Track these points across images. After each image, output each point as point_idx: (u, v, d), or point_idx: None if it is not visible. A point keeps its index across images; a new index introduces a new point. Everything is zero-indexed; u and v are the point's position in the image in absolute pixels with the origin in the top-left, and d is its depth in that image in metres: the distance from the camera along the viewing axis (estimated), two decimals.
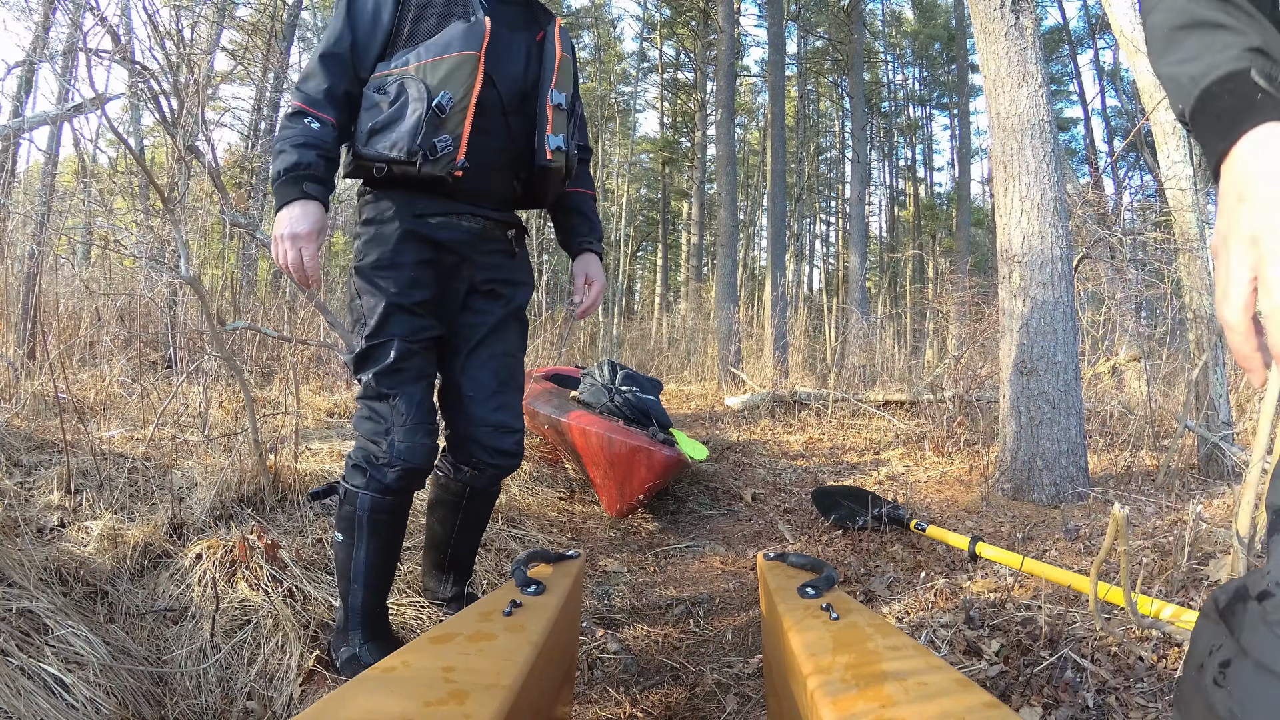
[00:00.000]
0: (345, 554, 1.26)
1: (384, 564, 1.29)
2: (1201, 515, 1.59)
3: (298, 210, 1.20)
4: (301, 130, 1.21)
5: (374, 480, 1.24)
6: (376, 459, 1.24)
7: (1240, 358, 0.44)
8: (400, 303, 1.25)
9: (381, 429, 1.24)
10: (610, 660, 1.41)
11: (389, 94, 1.22)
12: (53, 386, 2.51)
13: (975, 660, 1.20)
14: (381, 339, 1.25)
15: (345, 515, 1.27)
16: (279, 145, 1.22)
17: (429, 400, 1.30)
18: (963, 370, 4.76)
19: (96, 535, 1.55)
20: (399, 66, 1.23)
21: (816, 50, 18.27)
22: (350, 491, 1.26)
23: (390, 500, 1.26)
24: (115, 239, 4.08)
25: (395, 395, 1.25)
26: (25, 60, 5.29)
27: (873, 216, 22.04)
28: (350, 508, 1.26)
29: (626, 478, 2.19)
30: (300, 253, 1.19)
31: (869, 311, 10.64)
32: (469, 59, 1.24)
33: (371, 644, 1.25)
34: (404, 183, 1.27)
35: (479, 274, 1.34)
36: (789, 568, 1.14)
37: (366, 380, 1.26)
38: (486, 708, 0.58)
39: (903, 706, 0.57)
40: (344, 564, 1.27)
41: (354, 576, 1.26)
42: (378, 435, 1.25)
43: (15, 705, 0.97)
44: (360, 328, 1.27)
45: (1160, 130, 2.97)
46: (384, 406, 1.25)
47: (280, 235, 1.20)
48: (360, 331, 1.27)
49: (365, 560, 1.25)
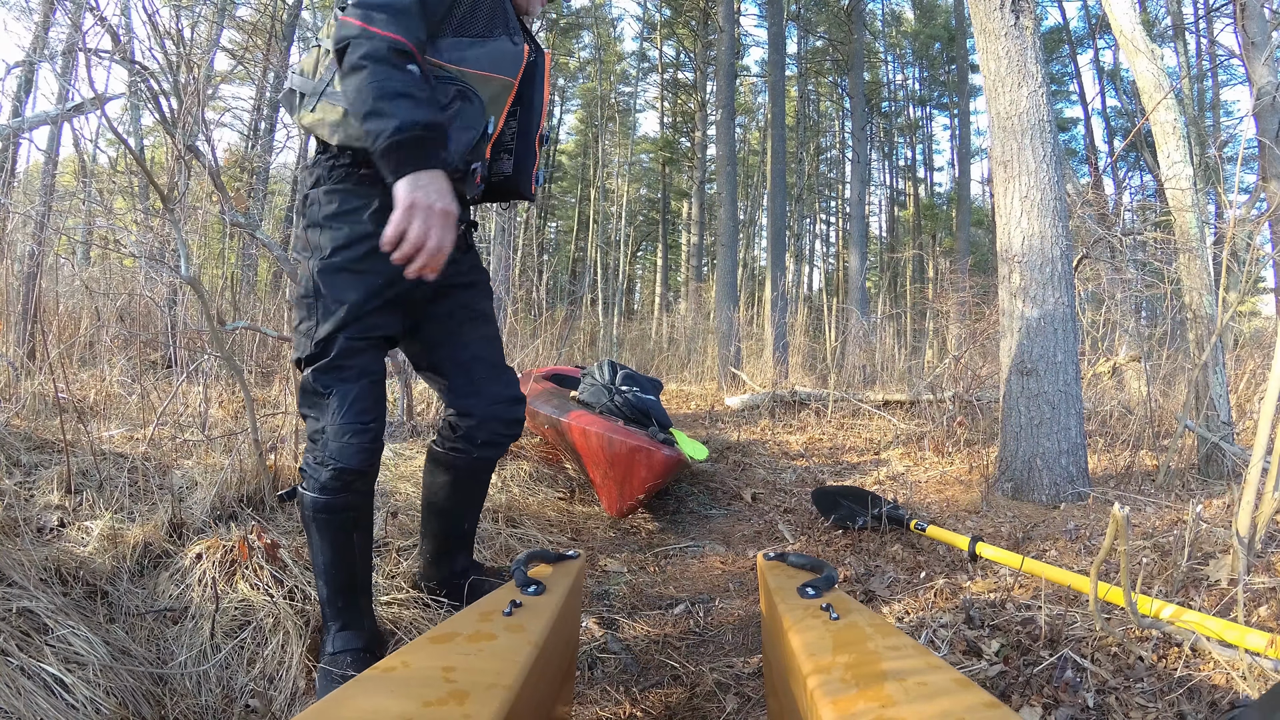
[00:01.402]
0: (312, 551, 1.26)
1: (338, 561, 1.24)
2: (1201, 515, 1.59)
3: (444, 182, 1.05)
4: (419, 82, 1.05)
5: (312, 480, 1.21)
6: (315, 458, 1.21)
7: None
8: (366, 300, 1.19)
9: (318, 428, 1.21)
10: (610, 660, 1.41)
11: (445, 95, 1.14)
12: (53, 386, 2.51)
13: (975, 660, 1.20)
14: (332, 340, 1.19)
15: (301, 515, 1.26)
16: (396, 87, 1.02)
17: (368, 398, 1.23)
18: (963, 370, 4.76)
19: (96, 535, 1.55)
20: (451, 63, 1.15)
21: (816, 50, 18.28)
22: (300, 494, 1.24)
23: (329, 499, 1.20)
24: (115, 239, 4.08)
25: (330, 393, 1.20)
26: (25, 60, 5.29)
27: (873, 216, 22.05)
28: (302, 509, 1.24)
29: (626, 478, 2.19)
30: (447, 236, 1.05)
31: (869, 311, 10.65)
32: (508, 86, 1.21)
33: (343, 633, 1.24)
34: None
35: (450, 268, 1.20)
36: (789, 568, 1.14)
37: (305, 376, 1.21)
38: (486, 708, 0.58)
39: (903, 706, 0.57)
40: (312, 563, 1.27)
41: (316, 572, 1.25)
42: (315, 434, 1.21)
43: (15, 705, 0.97)
44: (308, 322, 1.20)
45: (1160, 130, 2.97)
46: (323, 406, 1.20)
47: (431, 206, 1.03)
48: (310, 326, 1.20)
49: (322, 561, 1.23)
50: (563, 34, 18.85)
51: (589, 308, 13.93)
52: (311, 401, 1.22)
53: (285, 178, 15.46)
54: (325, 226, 1.20)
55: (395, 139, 1.01)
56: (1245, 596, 1.18)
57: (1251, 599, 1.23)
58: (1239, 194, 2.99)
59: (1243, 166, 3.24)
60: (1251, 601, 1.23)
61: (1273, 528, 1.50)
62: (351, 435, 1.19)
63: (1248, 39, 4.26)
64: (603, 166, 18.45)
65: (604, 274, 16.74)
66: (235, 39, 12.97)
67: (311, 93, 1.20)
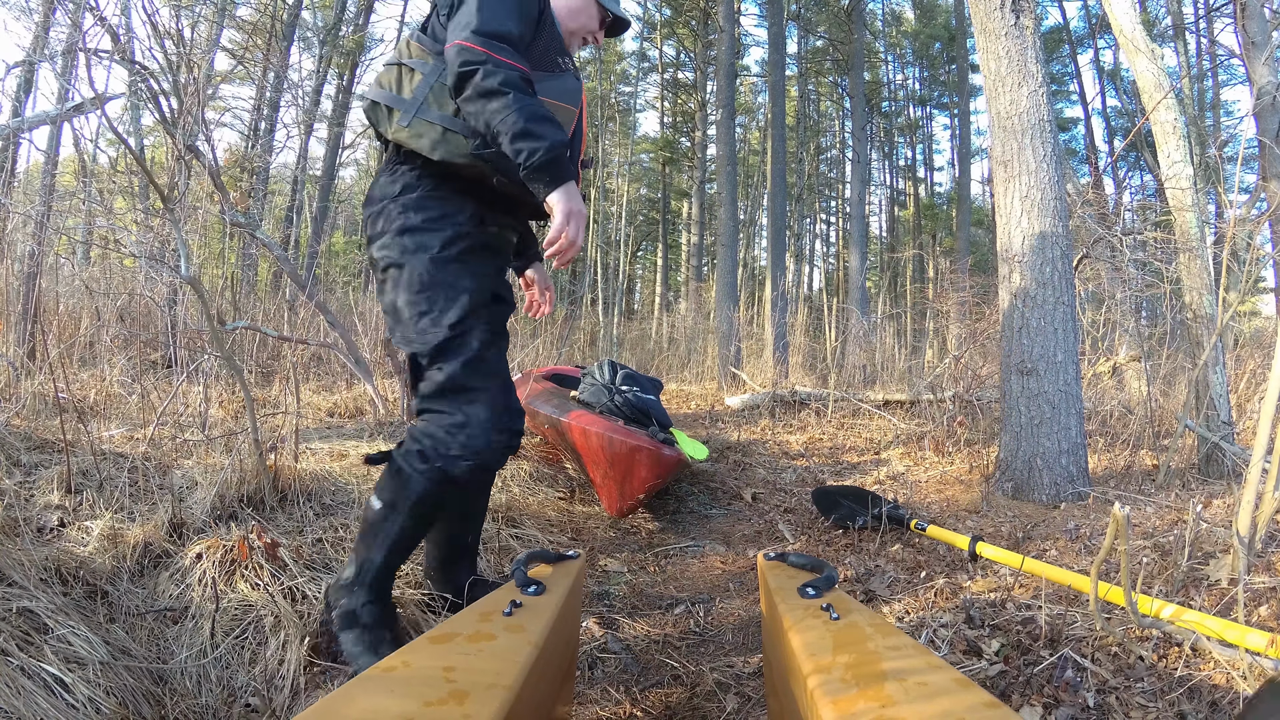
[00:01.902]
0: (378, 521, 1.26)
1: (412, 543, 1.30)
2: (1202, 515, 1.59)
3: (574, 190, 1.21)
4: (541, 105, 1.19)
5: (436, 470, 1.23)
6: (446, 450, 1.23)
7: None
8: (481, 289, 1.28)
9: (458, 422, 1.23)
10: (610, 660, 1.41)
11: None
12: (53, 386, 2.51)
13: (975, 660, 1.20)
14: (469, 328, 1.25)
15: (393, 489, 1.26)
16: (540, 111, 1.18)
17: (514, 397, 1.32)
18: (963, 370, 4.76)
19: (96, 535, 1.55)
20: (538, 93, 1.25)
21: (817, 50, 18.27)
22: (405, 471, 1.25)
23: (443, 491, 1.25)
24: (115, 239, 4.08)
25: (479, 390, 1.25)
26: (25, 60, 5.29)
27: (873, 216, 22.05)
28: (400, 484, 1.25)
29: (626, 477, 2.19)
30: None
31: (869, 311, 10.64)
32: (573, 115, 1.31)
33: (372, 605, 1.26)
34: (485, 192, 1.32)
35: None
36: (789, 568, 1.14)
37: (454, 369, 1.24)
38: (487, 708, 0.58)
39: (903, 706, 0.57)
40: (373, 529, 1.27)
41: (379, 545, 1.26)
42: (454, 428, 1.23)
43: (15, 705, 0.97)
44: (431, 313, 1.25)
45: (1160, 130, 2.97)
46: (469, 398, 1.24)
47: (582, 212, 1.21)
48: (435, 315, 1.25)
49: (396, 535, 1.26)
50: None
51: (589, 307, 13.93)
52: (456, 394, 1.24)
53: (285, 178, 15.46)
54: (427, 229, 1.28)
55: (549, 156, 1.16)
56: (1245, 596, 1.18)
57: (1252, 599, 1.23)
58: (1239, 194, 2.99)
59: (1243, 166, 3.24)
60: (1252, 601, 1.23)
61: (1273, 527, 1.50)
62: (499, 433, 1.25)
63: (1248, 39, 4.26)
64: (603, 166, 18.45)
65: (604, 274, 16.74)
66: (235, 39, 12.97)
67: (404, 109, 1.28)
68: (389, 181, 1.33)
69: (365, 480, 2.22)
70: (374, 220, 1.33)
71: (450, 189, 1.31)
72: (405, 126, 1.27)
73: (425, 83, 1.28)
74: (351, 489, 2.08)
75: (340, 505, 1.99)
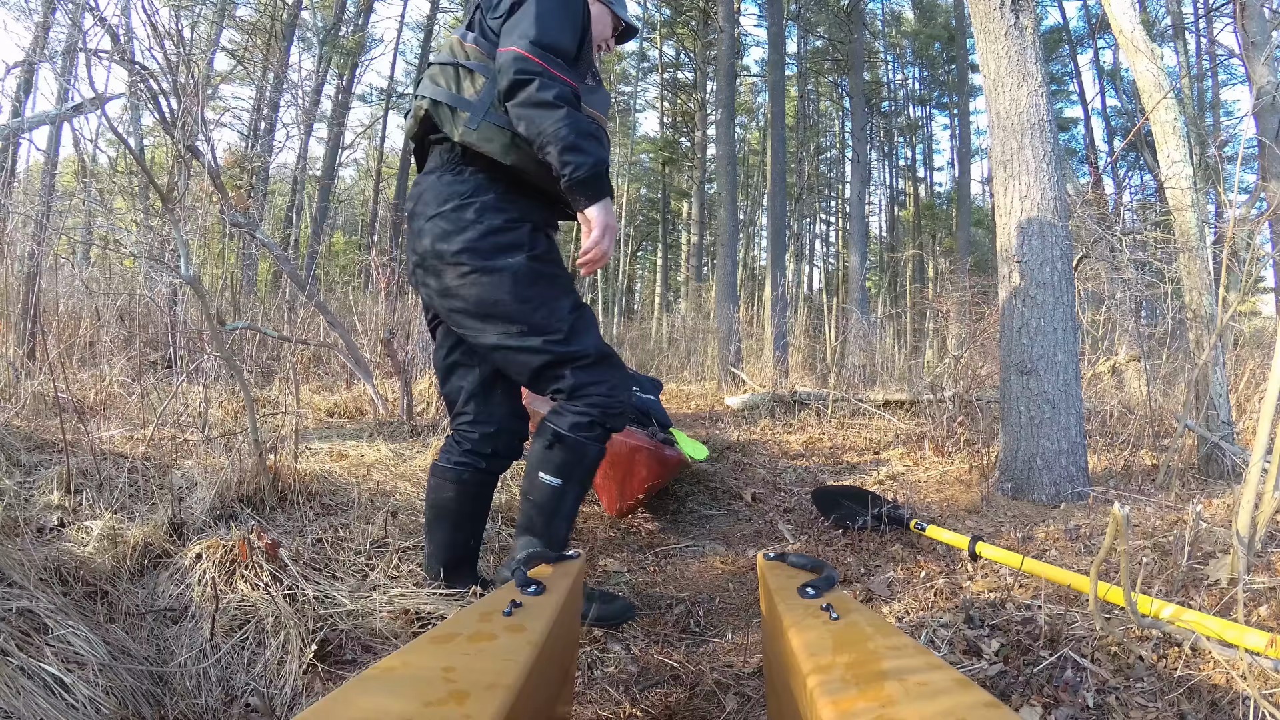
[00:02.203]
0: (557, 497, 1.40)
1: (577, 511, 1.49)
2: (1201, 515, 1.59)
3: (611, 205, 1.32)
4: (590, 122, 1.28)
5: (605, 433, 1.40)
6: (613, 411, 1.38)
7: None
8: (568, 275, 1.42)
9: (612, 385, 1.38)
10: (610, 660, 1.41)
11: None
12: (53, 386, 2.51)
13: (975, 660, 1.20)
14: (581, 310, 1.39)
15: (568, 463, 1.39)
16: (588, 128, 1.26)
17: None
18: (963, 370, 4.76)
19: (96, 535, 1.55)
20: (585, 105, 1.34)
21: (816, 50, 18.27)
22: (579, 443, 1.38)
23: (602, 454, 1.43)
24: (115, 239, 4.08)
25: (610, 355, 1.41)
26: (25, 60, 5.29)
27: (873, 216, 22.04)
28: (576, 457, 1.39)
29: (626, 478, 2.19)
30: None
31: (869, 311, 10.64)
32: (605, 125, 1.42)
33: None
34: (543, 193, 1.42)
35: None
36: (789, 568, 1.14)
37: (591, 345, 1.38)
38: (487, 708, 0.57)
39: (902, 706, 0.57)
40: (553, 505, 1.40)
41: (563, 517, 1.42)
42: (614, 389, 1.38)
43: (15, 705, 0.97)
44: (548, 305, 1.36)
45: (1160, 130, 2.97)
46: (610, 363, 1.40)
47: (616, 227, 1.35)
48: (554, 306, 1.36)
49: (572, 504, 1.43)
50: None
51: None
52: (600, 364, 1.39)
53: (285, 178, 15.46)
54: (511, 228, 1.37)
55: (594, 172, 1.25)
56: (1245, 596, 1.18)
57: (1251, 599, 1.23)
58: (1239, 194, 2.99)
59: (1243, 166, 3.24)
60: (1251, 601, 1.23)
61: (1273, 527, 1.50)
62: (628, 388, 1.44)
63: (1248, 38, 4.26)
64: None
65: (604, 274, 16.74)
66: (235, 39, 12.97)
67: (472, 112, 1.33)
68: (455, 182, 1.37)
69: (365, 480, 2.22)
70: (440, 221, 1.35)
71: (518, 190, 1.39)
72: (474, 130, 1.32)
73: (489, 86, 1.33)
74: (351, 489, 2.08)
75: (340, 505, 1.99)
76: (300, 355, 4.24)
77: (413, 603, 1.47)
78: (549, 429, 1.39)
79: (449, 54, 1.39)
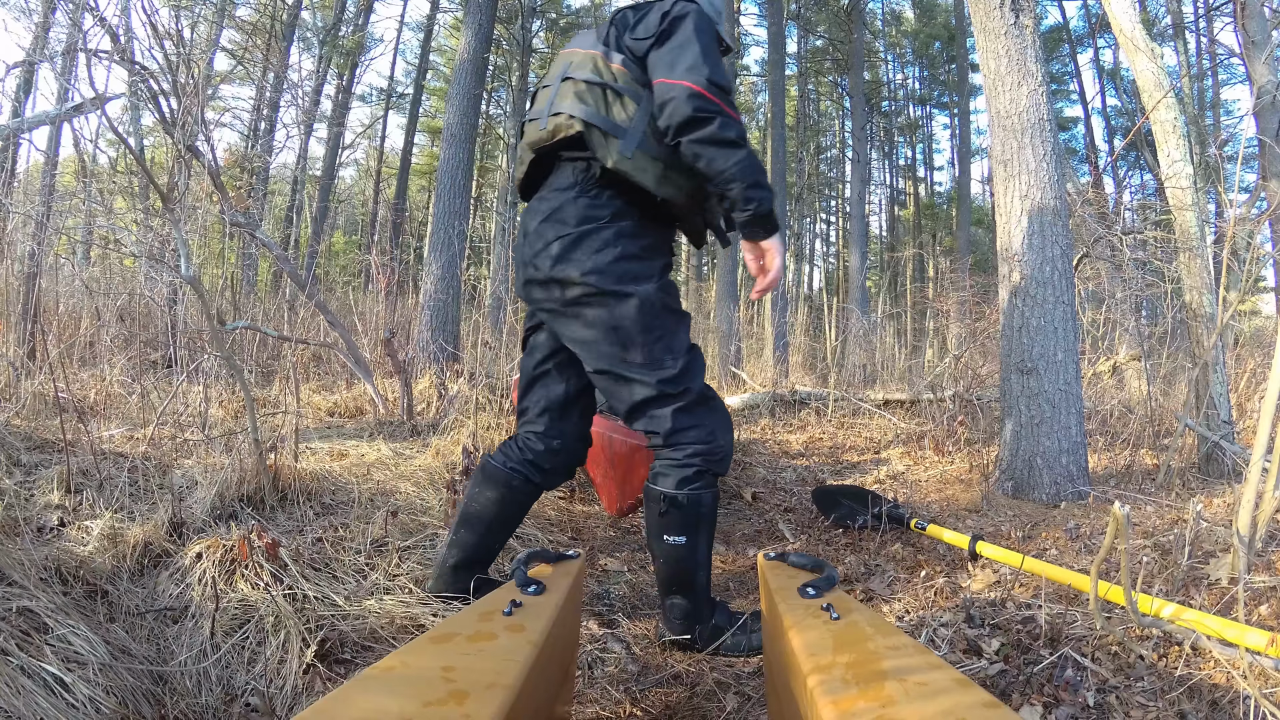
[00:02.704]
0: (689, 553, 1.38)
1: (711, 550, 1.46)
2: (1202, 514, 1.59)
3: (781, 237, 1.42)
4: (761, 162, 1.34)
5: (713, 479, 1.39)
6: (717, 455, 1.37)
7: None
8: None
9: (713, 428, 1.37)
10: (610, 660, 1.41)
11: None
12: (53, 386, 2.51)
13: (975, 659, 1.20)
14: (694, 350, 1.40)
15: (689, 520, 1.37)
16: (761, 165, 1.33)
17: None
18: (963, 369, 4.76)
19: (96, 535, 1.55)
20: None
21: (816, 50, 18.26)
22: (693, 497, 1.36)
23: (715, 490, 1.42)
24: (115, 239, 4.08)
25: (713, 396, 1.42)
26: (25, 60, 5.29)
27: (873, 216, 22.04)
28: (694, 511, 1.37)
29: (626, 477, 2.19)
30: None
31: (869, 311, 10.64)
32: None
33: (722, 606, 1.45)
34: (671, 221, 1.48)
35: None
36: (789, 567, 1.14)
37: (697, 387, 1.37)
38: (486, 708, 0.57)
39: (902, 705, 0.57)
40: (688, 561, 1.38)
41: (701, 565, 1.40)
42: (716, 433, 1.38)
43: (15, 705, 0.97)
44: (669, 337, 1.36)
45: (1160, 129, 2.97)
46: (710, 406, 1.40)
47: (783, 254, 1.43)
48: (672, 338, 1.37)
49: (706, 552, 1.41)
50: (562, 34, 18.84)
51: None
52: (703, 405, 1.39)
53: (285, 178, 15.45)
54: (645, 257, 1.39)
55: (770, 208, 1.33)
56: (1246, 595, 1.18)
57: (1252, 598, 1.23)
58: (1239, 193, 2.99)
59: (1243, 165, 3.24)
60: (1252, 600, 1.23)
61: (1273, 527, 1.50)
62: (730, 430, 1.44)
63: (1248, 38, 4.25)
64: None
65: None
66: (235, 39, 12.97)
67: (625, 139, 1.33)
68: (593, 205, 1.37)
69: (365, 480, 2.22)
70: (572, 240, 1.35)
71: (652, 220, 1.41)
72: (629, 158, 1.32)
73: (642, 114, 1.33)
74: (351, 489, 2.08)
75: (340, 505, 1.99)
76: (300, 355, 4.24)
77: (413, 600, 1.47)
78: (658, 494, 1.37)
79: (593, 71, 1.37)
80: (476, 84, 6.01)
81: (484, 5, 6.13)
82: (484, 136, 17.14)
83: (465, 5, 6.95)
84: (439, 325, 5.30)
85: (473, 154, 6.18)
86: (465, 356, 4.81)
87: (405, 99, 17.51)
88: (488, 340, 4.62)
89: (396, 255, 7.99)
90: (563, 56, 1.46)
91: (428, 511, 2.02)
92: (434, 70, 17.68)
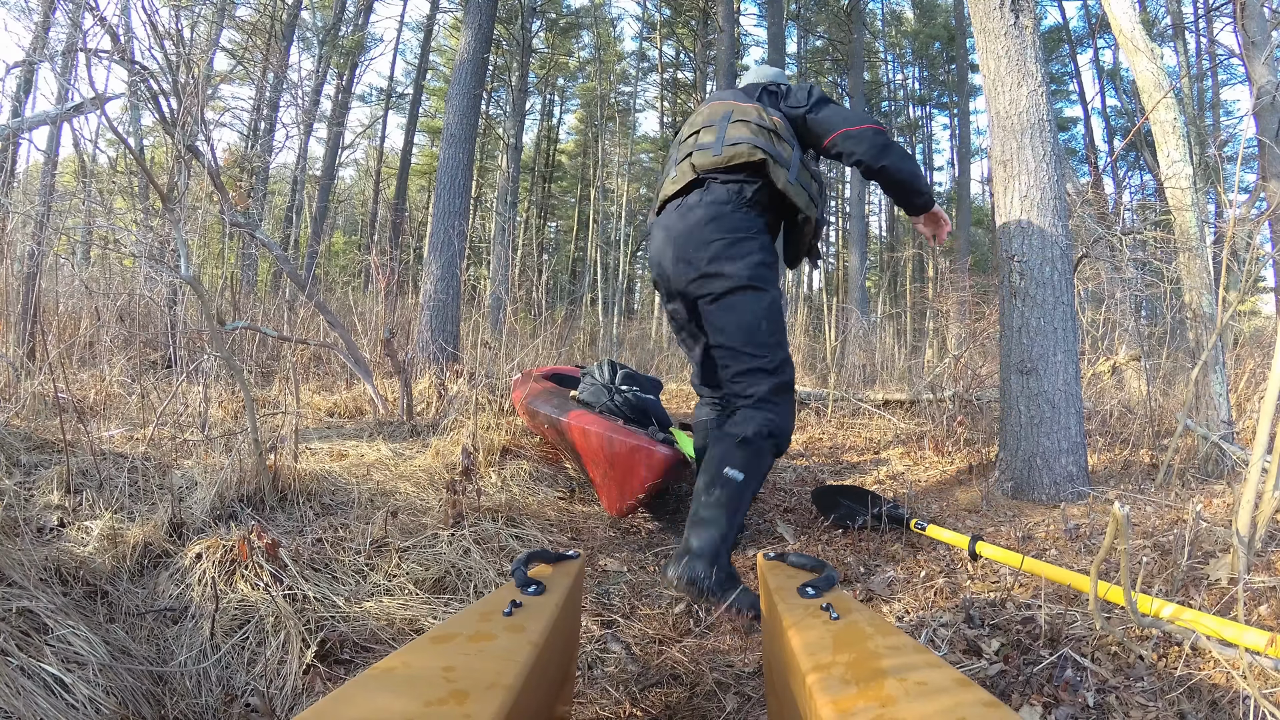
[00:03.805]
0: (740, 490, 1.60)
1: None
2: (1201, 514, 1.59)
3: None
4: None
5: (778, 447, 1.68)
6: (785, 431, 1.68)
7: None
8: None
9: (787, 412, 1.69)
10: (610, 660, 1.41)
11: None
12: (53, 386, 2.51)
13: (975, 659, 1.20)
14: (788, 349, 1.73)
15: (751, 462, 1.62)
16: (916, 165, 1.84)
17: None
18: (963, 369, 4.76)
19: (96, 535, 1.55)
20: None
21: (816, 50, 18.26)
22: (762, 447, 1.65)
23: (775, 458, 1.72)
24: (115, 239, 4.08)
25: (794, 390, 1.75)
26: (25, 60, 5.29)
27: (872, 216, 22.03)
28: (758, 457, 1.64)
29: (626, 477, 2.19)
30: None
31: (869, 311, 10.64)
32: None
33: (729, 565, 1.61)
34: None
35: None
36: (789, 567, 1.14)
37: (790, 377, 1.72)
38: (487, 708, 0.58)
39: (902, 705, 0.57)
40: (737, 498, 1.60)
41: (742, 509, 1.61)
42: (788, 418, 1.69)
43: (15, 705, 0.97)
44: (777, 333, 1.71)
45: (1160, 129, 2.97)
46: (790, 397, 1.71)
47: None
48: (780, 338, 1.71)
49: (749, 500, 1.64)
50: (562, 34, 18.85)
51: (589, 307, 13.93)
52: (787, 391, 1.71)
53: (285, 178, 15.45)
54: (773, 265, 1.75)
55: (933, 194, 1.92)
56: (1245, 595, 1.18)
57: (1251, 598, 1.23)
58: (1239, 193, 2.99)
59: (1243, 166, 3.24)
60: (1252, 600, 1.23)
61: (1273, 527, 1.50)
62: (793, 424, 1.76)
63: (1248, 38, 4.26)
64: (602, 166, 18.44)
65: (604, 274, 16.74)
66: (235, 39, 12.97)
67: (790, 170, 1.74)
68: (748, 218, 1.73)
69: (365, 480, 2.22)
70: (730, 245, 1.69)
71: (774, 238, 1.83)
72: (792, 184, 1.73)
73: (796, 155, 1.77)
74: (351, 489, 2.08)
75: (340, 505, 1.99)
76: (300, 355, 4.24)
77: (413, 601, 1.47)
78: (733, 434, 1.65)
79: (757, 118, 1.78)
80: (476, 84, 6.01)
81: (484, 5, 6.13)
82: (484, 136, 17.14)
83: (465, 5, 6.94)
84: (439, 325, 5.30)
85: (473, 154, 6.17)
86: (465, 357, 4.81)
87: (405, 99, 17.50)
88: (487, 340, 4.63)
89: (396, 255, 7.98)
90: (720, 105, 1.86)
91: (427, 512, 2.02)
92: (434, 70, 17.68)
